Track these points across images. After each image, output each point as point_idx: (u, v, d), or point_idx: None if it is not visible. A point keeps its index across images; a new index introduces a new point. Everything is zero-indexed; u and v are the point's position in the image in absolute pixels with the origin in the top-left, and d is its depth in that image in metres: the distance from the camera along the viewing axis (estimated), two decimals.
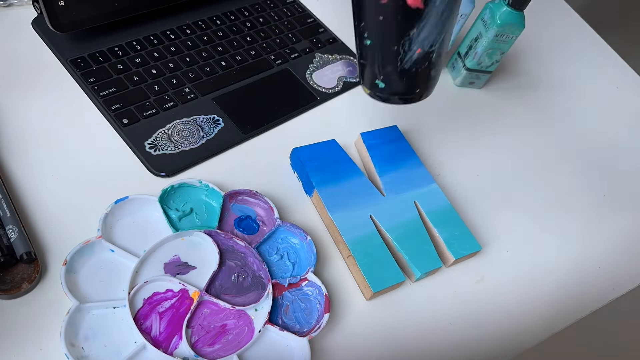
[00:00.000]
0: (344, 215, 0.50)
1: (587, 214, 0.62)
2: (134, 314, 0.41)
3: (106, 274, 0.43)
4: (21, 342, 0.39)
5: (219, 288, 0.44)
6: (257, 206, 0.50)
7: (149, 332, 0.41)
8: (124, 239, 0.45)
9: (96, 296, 0.41)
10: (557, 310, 0.54)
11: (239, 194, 0.49)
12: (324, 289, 0.45)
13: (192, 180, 0.48)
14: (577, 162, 0.67)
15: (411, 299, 0.50)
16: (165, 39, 0.60)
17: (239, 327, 0.43)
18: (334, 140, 0.56)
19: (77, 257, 0.42)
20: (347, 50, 0.68)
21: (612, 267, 0.58)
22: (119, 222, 0.45)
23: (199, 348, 0.41)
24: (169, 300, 0.43)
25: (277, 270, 0.47)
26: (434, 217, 0.53)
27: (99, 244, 0.43)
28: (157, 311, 0.42)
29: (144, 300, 0.42)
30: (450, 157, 0.62)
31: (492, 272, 0.54)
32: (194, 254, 0.45)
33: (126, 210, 0.46)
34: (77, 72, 0.54)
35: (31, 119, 0.51)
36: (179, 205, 0.48)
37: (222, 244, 0.46)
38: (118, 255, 0.44)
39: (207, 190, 0.49)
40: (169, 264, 0.44)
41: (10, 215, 0.43)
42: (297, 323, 0.45)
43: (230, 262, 0.46)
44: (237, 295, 0.44)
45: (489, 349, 0.49)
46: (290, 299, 0.46)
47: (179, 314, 0.42)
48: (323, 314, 0.44)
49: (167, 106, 0.55)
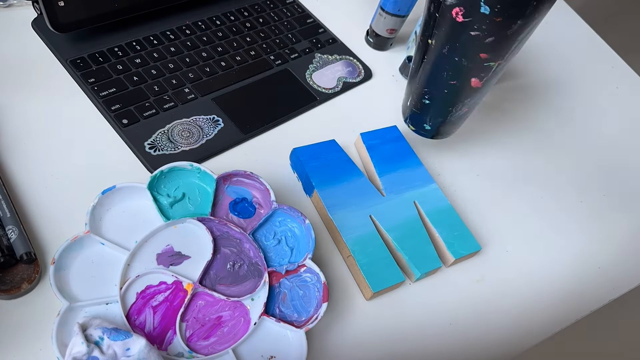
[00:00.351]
0: (344, 215, 0.50)
1: (586, 214, 0.62)
2: (127, 310, 0.40)
3: (97, 269, 0.41)
4: (21, 342, 0.39)
5: (214, 278, 0.43)
6: (252, 187, 0.49)
7: (142, 328, 0.40)
8: (114, 231, 0.43)
9: (88, 293, 0.40)
10: (557, 310, 0.54)
11: (232, 176, 0.47)
12: (322, 277, 0.44)
13: (182, 164, 0.46)
14: (577, 162, 0.67)
15: (411, 299, 0.50)
16: (165, 40, 0.60)
17: (234, 318, 0.42)
18: (334, 140, 0.56)
19: (65, 254, 0.41)
20: (347, 50, 0.69)
21: (612, 267, 0.58)
22: (108, 213, 0.44)
23: (194, 342, 0.41)
24: (163, 293, 0.42)
25: (274, 256, 0.46)
26: (434, 217, 0.53)
27: (87, 238, 0.42)
28: (150, 305, 0.41)
29: (137, 294, 0.41)
30: (450, 157, 0.62)
31: (492, 272, 0.54)
32: (187, 242, 0.44)
33: (114, 200, 0.44)
34: (77, 73, 0.54)
35: (31, 120, 0.51)
36: (171, 191, 0.46)
37: (217, 231, 0.45)
38: (109, 248, 0.42)
39: (199, 174, 0.47)
40: (162, 254, 0.43)
41: (10, 216, 0.43)
42: (295, 312, 0.44)
43: (226, 250, 0.44)
44: (233, 285, 0.43)
45: (488, 349, 0.49)
46: (289, 286, 0.45)
47: (172, 308, 0.41)
48: (321, 302, 0.43)
49: (167, 106, 0.55)
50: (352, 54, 0.68)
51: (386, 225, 0.51)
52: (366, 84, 0.66)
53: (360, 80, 0.66)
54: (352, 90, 0.64)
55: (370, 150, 0.56)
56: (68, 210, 0.46)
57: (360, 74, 0.66)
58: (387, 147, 0.57)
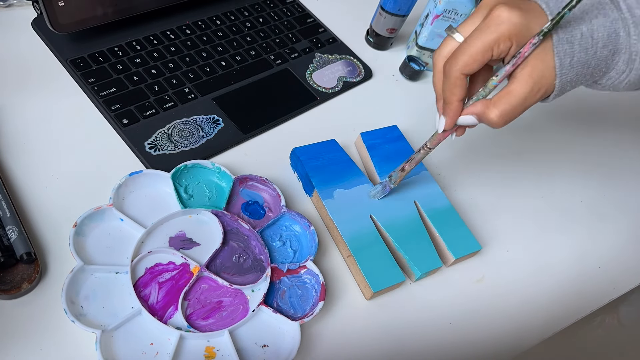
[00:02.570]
0: (344, 215, 0.50)
1: (587, 214, 0.62)
2: (135, 281, 0.43)
3: (113, 241, 0.44)
4: (21, 342, 0.39)
5: (219, 266, 0.45)
6: (265, 192, 0.51)
7: (146, 300, 0.42)
8: (133, 210, 0.46)
9: (101, 260, 0.43)
10: (557, 310, 0.53)
11: (249, 179, 0.51)
12: (321, 278, 0.46)
13: (205, 162, 0.50)
14: (577, 162, 0.67)
15: (411, 299, 0.50)
16: (165, 39, 0.60)
17: (234, 305, 0.44)
18: (334, 140, 0.56)
19: (87, 222, 0.43)
20: (347, 50, 0.68)
21: (612, 267, 0.58)
22: (131, 194, 0.47)
23: (193, 320, 0.42)
24: (170, 272, 0.44)
25: (278, 256, 0.48)
26: (434, 216, 0.53)
27: (109, 211, 0.44)
28: (157, 281, 0.43)
29: (146, 269, 0.43)
30: (451, 157, 0.62)
31: (492, 272, 0.54)
32: (199, 231, 0.47)
33: (139, 184, 0.47)
34: (77, 73, 0.54)
35: (31, 120, 0.51)
36: (190, 185, 0.49)
37: (228, 225, 0.48)
38: (126, 225, 0.45)
39: (218, 173, 0.50)
40: (174, 238, 0.46)
41: (10, 216, 0.43)
42: (291, 308, 0.45)
43: (233, 243, 0.47)
44: (236, 275, 0.45)
45: (489, 349, 0.49)
46: (288, 285, 0.46)
47: (177, 286, 0.43)
48: (318, 301, 0.45)
49: (167, 106, 0.55)
50: (352, 54, 0.68)
51: (386, 225, 0.51)
52: (366, 83, 0.66)
53: (360, 79, 0.66)
54: (352, 90, 0.64)
55: (370, 150, 0.56)
56: (68, 210, 0.46)
57: (360, 73, 0.66)
58: (388, 146, 0.57)
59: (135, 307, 0.41)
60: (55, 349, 0.40)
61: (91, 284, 0.42)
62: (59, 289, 0.42)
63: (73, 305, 0.40)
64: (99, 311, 0.41)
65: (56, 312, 0.41)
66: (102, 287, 0.42)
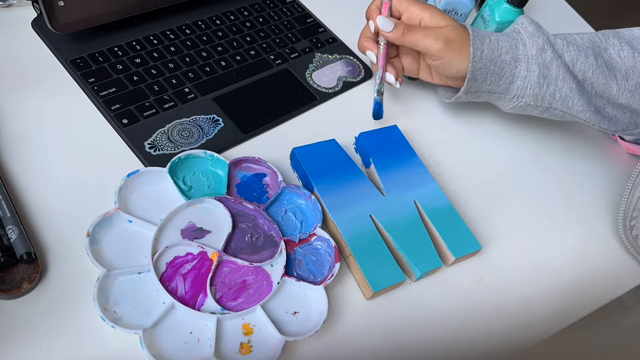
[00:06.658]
0: (344, 215, 0.50)
1: (587, 214, 0.62)
2: (159, 277, 0.43)
3: (127, 243, 0.45)
4: (21, 342, 0.39)
5: (235, 248, 0.47)
6: (260, 172, 0.52)
7: (175, 293, 0.43)
8: (139, 210, 0.47)
9: (121, 264, 0.43)
10: (557, 310, 0.54)
11: (242, 162, 0.52)
12: (332, 242, 0.48)
13: (197, 151, 0.50)
14: (577, 161, 0.67)
15: (411, 299, 0.50)
16: (165, 39, 0.60)
17: (258, 281, 0.46)
18: (334, 140, 0.56)
19: (97, 229, 0.44)
20: (347, 50, 0.68)
21: (612, 267, 0.58)
22: (133, 195, 0.47)
23: (224, 302, 0.44)
24: (190, 263, 0.45)
25: (286, 229, 0.49)
26: (434, 216, 0.53)
27: (117, 215, 0.45)
28: (180, 273, 0.44)
29: (166, 264, 0.44)
30: (450, 157, 0.62)
31: (492, 271, 0.54)
32: (207, 219, 0.48)
33: (138, 183, 0.48)
34: (77, 73, 0.54)
35: (31, 119, 0.51)
36: (187, 176, 0.50)
37: (233, 209, 0.49)
38: (136, 225, 0.46)
39: (212, 160, 0.51)
40: (185, 229, 0.47)
41: (10, 215, 0.43)
42: (310, 274, 0.47)
43: (242, 225, 0.48)
44: (252, 254, 0.47)
45: (489, 349, 0.49)
46: (302, 254, 0.48)
47: (201, 274, 0.45)
48: (334, 263, 0.47)
49: (167, 106, 0.55)
50: (352, 54, 0.68)
51: (386, 225, 0.51)
52: (366, 83, 0.66)
53: (360, 79, 0.66)
54: (352, 90, 0.64)
55: (370, 150, 0.56)
56: (68, 210, 0.46)
57: (360, 73, 0.66)
58: (388, 146, 0.57)
59: (167, 302, 0.42)
60: (55, 348, 0.40)
61: (118, 288, 0.42)
62: (59, 289, 0.42)
63: (107, 312, 0.40)
64: (132, 313, 0.41)
65: (56, 312, 0.41)
66: (130, 289, 0.43)
